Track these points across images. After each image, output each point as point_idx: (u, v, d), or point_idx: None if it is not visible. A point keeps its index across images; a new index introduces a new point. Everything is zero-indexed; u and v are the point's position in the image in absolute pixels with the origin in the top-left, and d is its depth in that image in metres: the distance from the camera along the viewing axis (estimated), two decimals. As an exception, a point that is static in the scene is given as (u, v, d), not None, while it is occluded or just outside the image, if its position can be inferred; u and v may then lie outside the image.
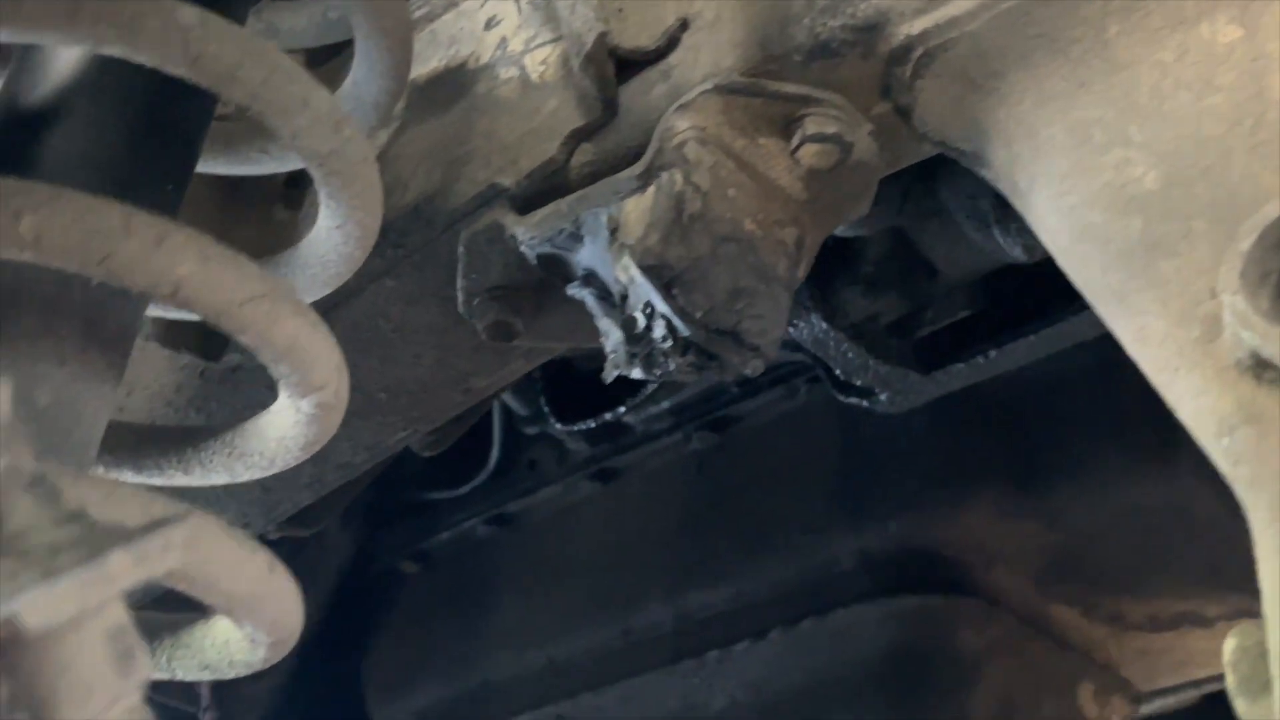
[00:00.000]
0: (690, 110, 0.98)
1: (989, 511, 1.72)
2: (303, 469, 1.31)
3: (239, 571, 0.73)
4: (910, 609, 1.70)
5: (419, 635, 2.23)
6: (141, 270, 0.74)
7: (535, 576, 2.09)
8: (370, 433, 1.27)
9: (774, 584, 1.80)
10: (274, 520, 1.39)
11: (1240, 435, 0.71)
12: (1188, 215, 0.78)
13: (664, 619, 1.89)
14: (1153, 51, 0.84)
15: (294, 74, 0.85)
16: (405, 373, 1.22)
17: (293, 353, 0.82)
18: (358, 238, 0.95)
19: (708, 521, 1.90)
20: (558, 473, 2.07)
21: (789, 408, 1.87)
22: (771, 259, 1.00)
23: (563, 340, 1.16)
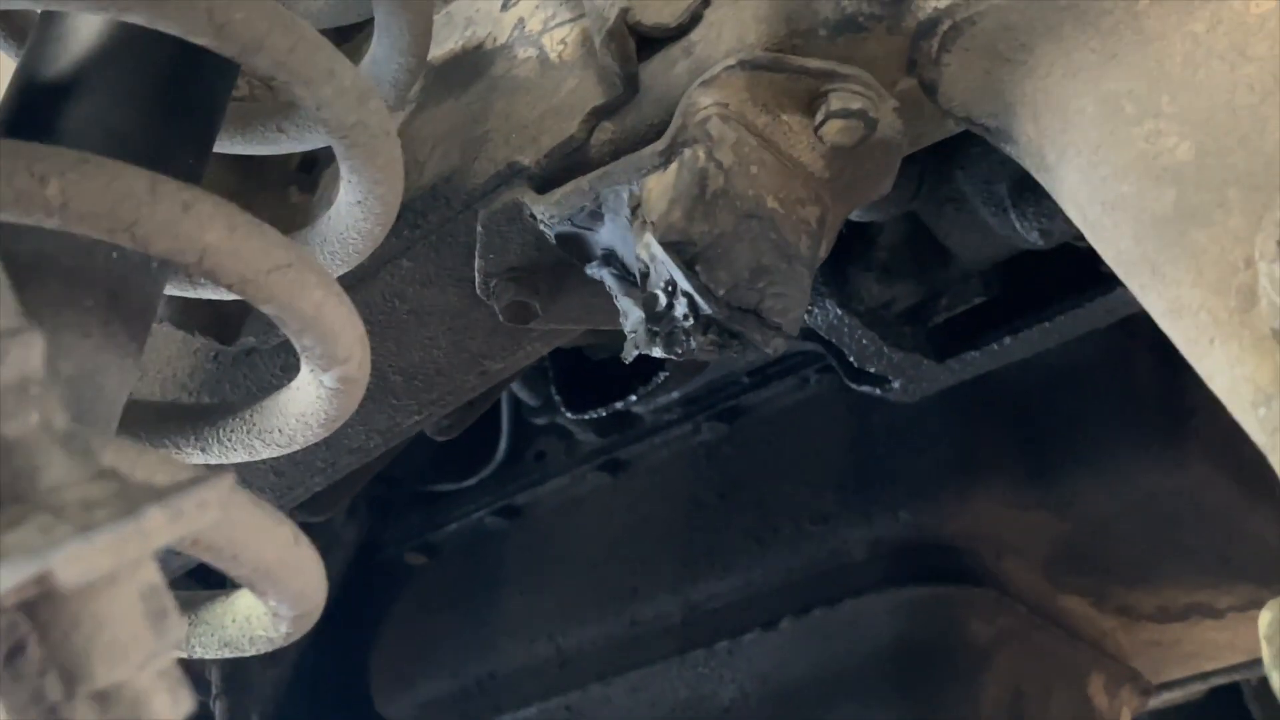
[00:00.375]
0: (713, 86, 0.96)
1: (999, 501, 1.70)
2: (316, 453, 1.31)
3: (265, 540, 0.72)
4: (920, 599, 1.69)
5: (426, 627, 2.21)
6: (168, 236, 0.73)
7: (543, 568, 2.07)
8: (384, 416, 1.26)
9: (784, 574, 1.79)
10: (287, 506, 1.38)
11: (1277, 405, 0.70)
12: (1222, 184, 0.77)
13: (672, 609, 1.88)
14: (1184, 23, 0.83)
15: (320, 44, 0.84)
16: (420, 355, 1.21)
17: (318, 324, 0.80)
18: (378, 214, 0.94)
19: (717, 512, 1.89)
20: (566, 464, 2.06)
21: (799, 398, 1.85)
22: (794, 237, 0.98)
23: (580, 322, 1.15)
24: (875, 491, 1.75)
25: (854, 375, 1.56)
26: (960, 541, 1.70)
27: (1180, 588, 1.78)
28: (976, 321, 1.49)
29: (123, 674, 0.50)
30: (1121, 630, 1.83)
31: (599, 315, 1.13)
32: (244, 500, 0.71)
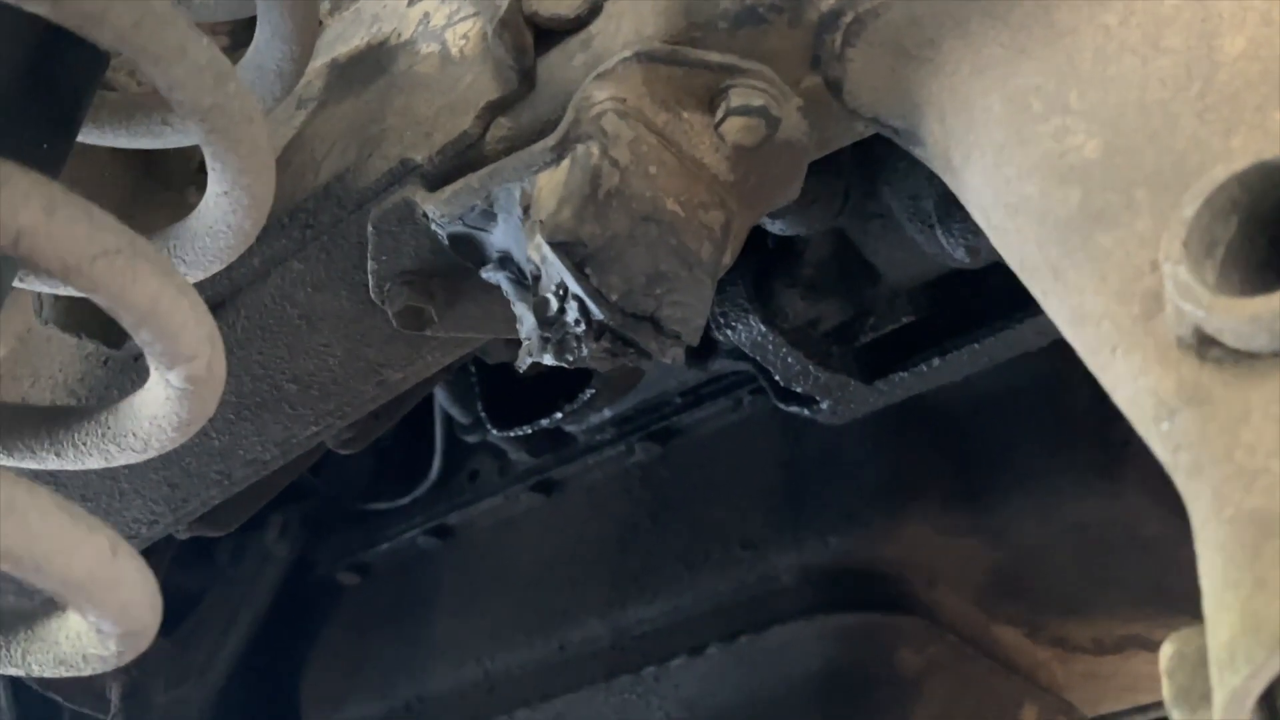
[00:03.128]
0: (609, 79, 0.89)
1: (931, 528, 1.63)
2: (210, 464, 1.23)
3: (74, 551, 0.64)
4: (849, 626, 1.61)
5: (357, 647, 2.14)
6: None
7: (475, 589, 2.00)
8: (280, 427, 1.18)
9: (712, 599, 1.72)
10: (184, 518, 1.30)
11: (1181, 419, 0.63)
12: (1130, 184, 0.70)
13: (601, 633, 1.80)
14: (1096, 15, 0.76)
15: (170, 19, 0.76)
16: (314, 363, 1.13)
17: (154, 317, 0.72)
18: (247, 206, 0.86)
19: (648, 534, 1.82)
20: (499, 484, 1.98)
21: (733, 419, 1.79)
22: (695, 243, 0.91)
23: (481, 330, 1.08)
24: (806, 516, 1.68)
25: (783, 395, 1.49)
26: (890, 569, 1.63)
27: (1116, 619, 1.71)
28: (906, 342, 1.42)
29: None
30: (1056, 662, 1.76)
31: (499, 323, 1.06)
32: (49, 507, 0.63)
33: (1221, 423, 0.61)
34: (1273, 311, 0.59)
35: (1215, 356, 0.62)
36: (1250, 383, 0.61)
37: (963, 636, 1.65)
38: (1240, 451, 0.60)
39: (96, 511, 1.26)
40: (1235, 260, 0.64)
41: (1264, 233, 0.65)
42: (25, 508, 0.61)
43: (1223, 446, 0.60)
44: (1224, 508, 0.59)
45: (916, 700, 1.61)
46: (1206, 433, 0.61)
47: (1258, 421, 0.60)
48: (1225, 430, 0.61)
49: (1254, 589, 0.57)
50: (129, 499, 1.25)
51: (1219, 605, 0.58)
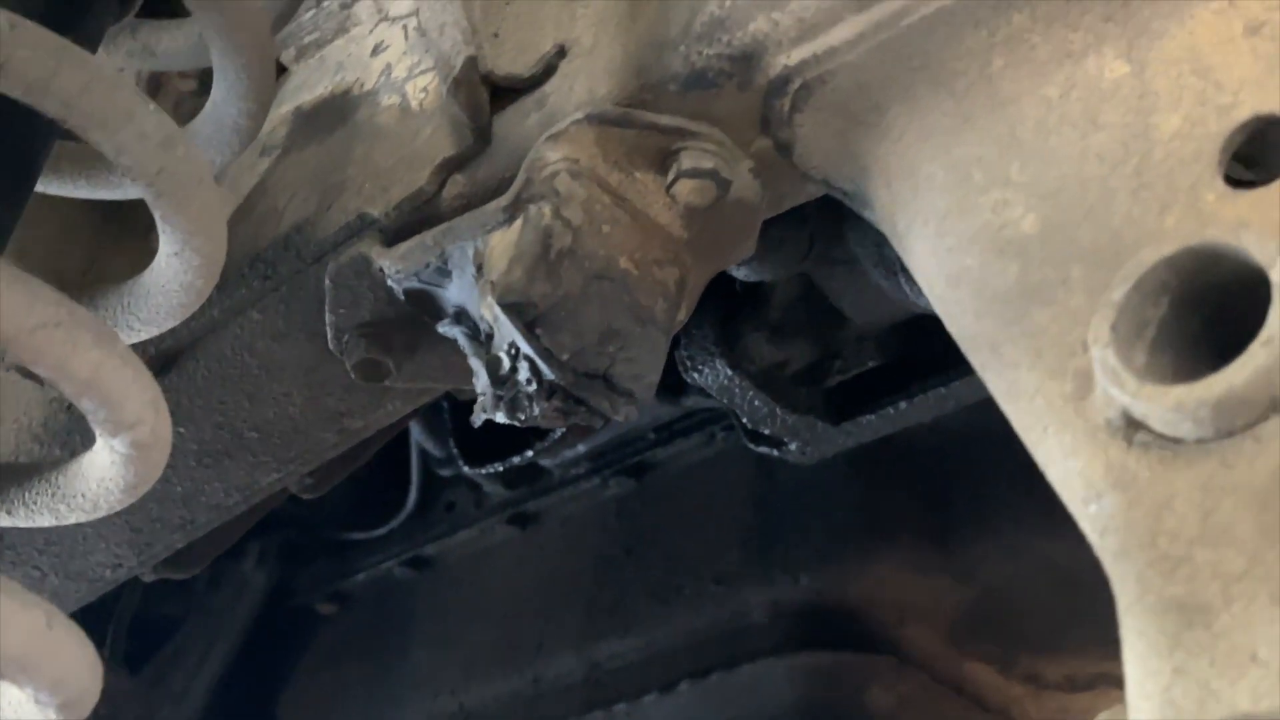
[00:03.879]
0: (562, 140, 0.90)
1: (902, 566, 1.64)
2: (173, 510, 1.23)
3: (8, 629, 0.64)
4: (820, 665, 1.62)
5: (334, 677, 2.14)
6: (-89, 292, 0.65)
7: (450, 620, 2.00)
8: (242, 473, 1.18)
9: (685, 635, 1.72)
10: (148, 561, 1.30)
11: (1108, 502, 0.63)
12: (1066, 260, 0.70)
13: (574, 668, 1.81)
14: (1038, 86, 0.76)
15: (117, 85, 0.77)
16: (275, 411, 1.13)
17: (96, 387, 0.73)
18: (198, 266, 0.87)
19: (622, 569, 1.82)
20: (475, 515, 1.99)
21: (706, 455, 1.79)
22: (648, 300, 0.91)
23: (439, 380, 1.08)
24: (778, 553, 1.68)
25: (752, 436, 1.49)
26: (861, 606, 1.63)
27: (1087, 657, 1.71)
28: (873, 385, 1.42)
29: None
30: (1029, 699, 1.76)
31: (459, 374, 1.06)
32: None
33: (1146, 508, 0.61)
34: (1196, 400, 0.59)
35: (1142, 441, 0.63)
36: (1175, 469, 0.61)
37: (934, 675, 1.66)
38: (1164, 538, 0.60)
39: (60, 556, 1.27)
40: (1167, 340, 0.65)
41: (1196, 312, 0.65)
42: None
43: (1147, 532, 0.61)
44: (1146, 594, 0.60)
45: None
46: (1131, 518, 0.62)
47: (1181, 508, 0.60)
48: (1150, 516, 0.61)
49: (1172, 678, 0.57)
50: (93, 543, 1.25)
51: (1139, 693, 0.58)
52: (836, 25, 0.81)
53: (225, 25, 0.90)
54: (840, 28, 0.81)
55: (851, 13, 0.81)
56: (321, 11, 1.24)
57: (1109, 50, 0.74)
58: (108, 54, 1.13)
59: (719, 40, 0.86)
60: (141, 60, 1.15)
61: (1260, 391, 0.58)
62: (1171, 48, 0.72)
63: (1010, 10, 0.77)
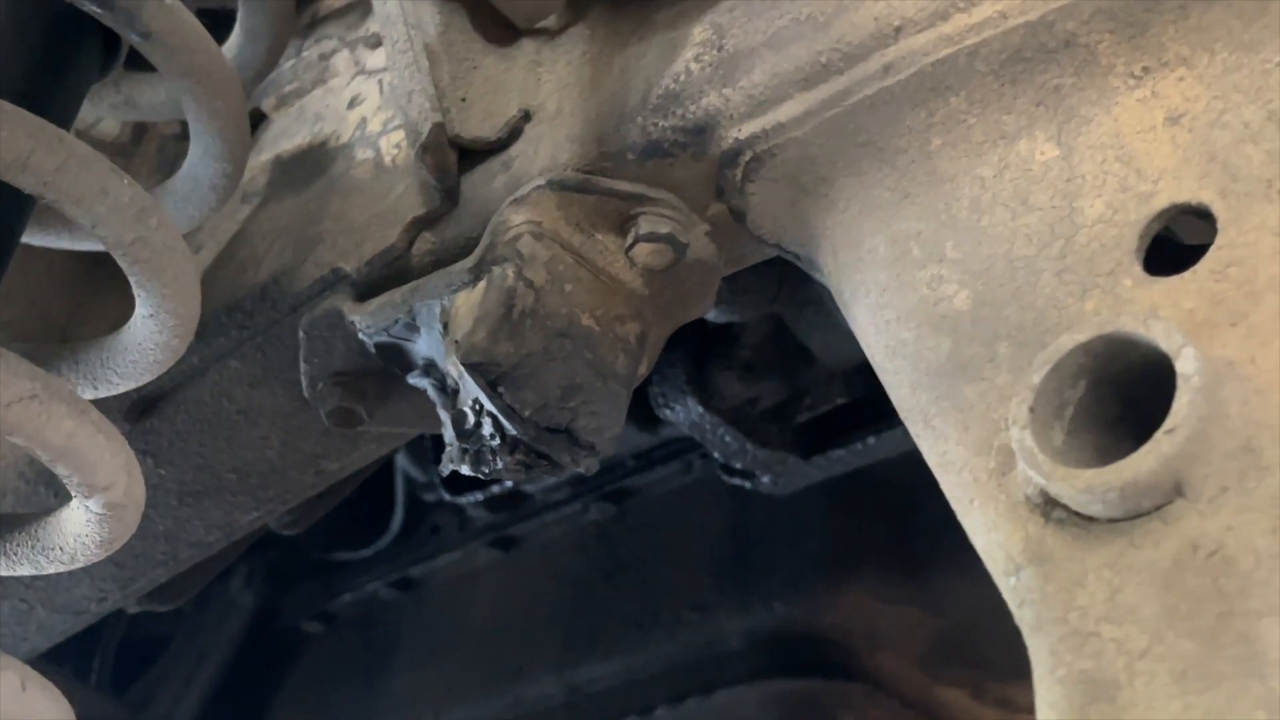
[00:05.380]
0: (525, 204, 0.93)
1: (873, 596, 1.67)
2: (155, 546, 1.27)
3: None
4: (792, 692, 1.65)
5: (320, 696, 2.17)
6: (-107, 369, 0.69)
7: (434, 641, 2.04)
8: (221, 512, 1.22)
9: (662, 660, 1.75)
10: (131, 595, 1.33)
11: (1026, 575, 0.66)
12: (994, 338, 0.74)
13: (554, 691, 1.84)
14: (974, 165, 0.80)
15: (91, 162, 0.80)
16: (253, 454, 1.17)
17: (70, 454, 0.76)
18: (172, 326, 0.90)
19: (602, 594, 1.86)
20: (458, 538, 2.02)
21: (684, 482, 1.82)
22: (610, 355, 0.95)
23: (411, 426, 1.11)
24: (752, 581, 1.72)
25: (726, 468, 1.53)
26: (834, 635, 1.66)
27: (1057, 683, 1.74)
28: (842, 421, 1.46)
29: None
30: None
31: (429, 420, 1.09)
32: (-46, 650, 0.67)
33: (1060, 583, 0.65)
34: (1104, 484, 0.63)
35: (1058, 518, 0.66)
36: (1088, 546, 0.65)
37: (905, 701, 1.69)
38: (1074, 614, 0.63)
39: (47, 590, 1.30)
40: (1086, 420, 0.68)
41: (1114, 393, 0.69)
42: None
43: (1060, 607, 0.64)
44: (1057, 667, 0.63)
45: (857, 765, 1.65)
46: (1046, 592, 0.65)
47: (1092, 585, 0.64)
48: (1063, 591, 0.64)
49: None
50: (78, 578, 1.29)
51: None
52: (785, 102, 0.85)
53: (199, 94, 0.94)
54: (788, 104, 0.85)
55: (799, 90, 0.84)
56: (301, 62, 1.27)
57: (1040, 133, 0.78)
58: (92, 106, 1.16)
59: (674, 113, 0.89)
60: (124, 112, 1.19)
61: (1164, 478, 0.62)
62: (1098, 133, 0.75)
63: (947, 93, 0.80)
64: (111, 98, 1.15)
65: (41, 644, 1.39)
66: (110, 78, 1.10)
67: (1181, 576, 0.61)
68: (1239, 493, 0.61)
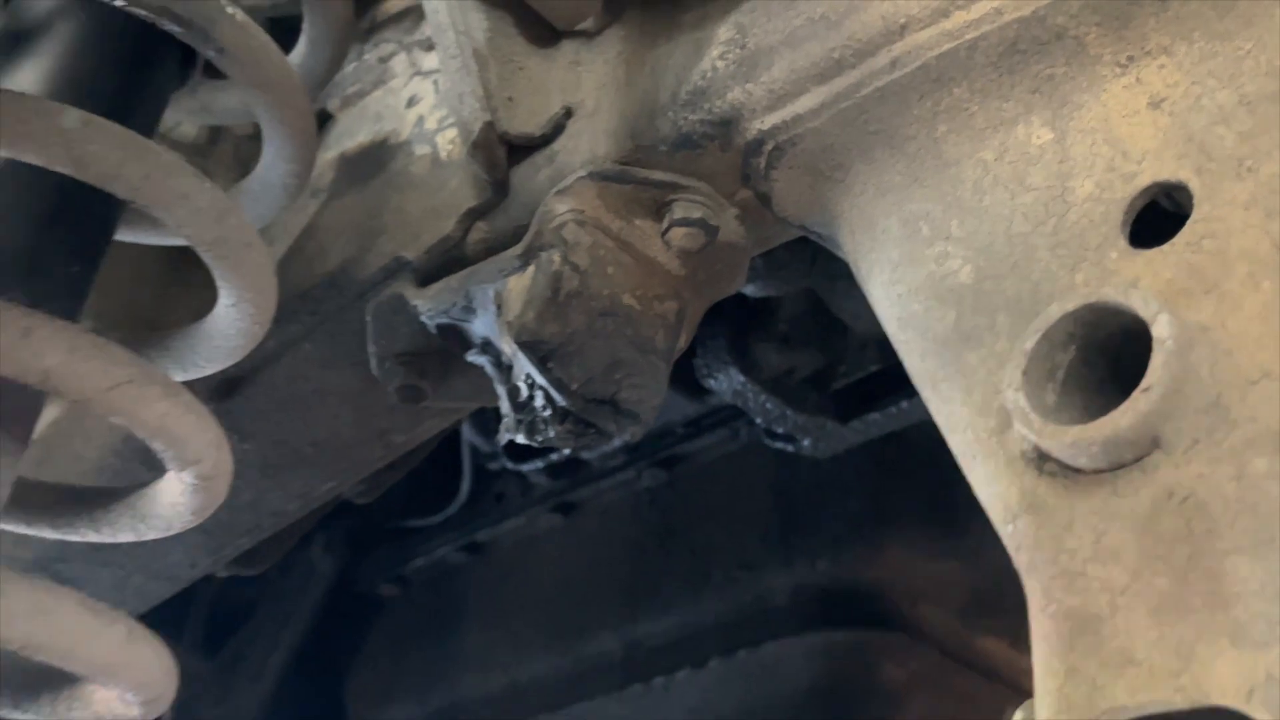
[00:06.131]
0: (568, 194, 0.98)
1: (912, 551, 1.72)
2: (240, 516, 1.34)
3: (94, 641, 0.74)
4: (837, 643, 1.70)
5: (396, 655, 2.25)
6: (10, 362, 0.76)
7: (501, 602, 2.11)
8: (299, 483, 1.29)
9: (714, 616, 1.81)
10: (220, 561, 1.41)
11: (1021, 523, 0.71)
12: (994, 309, 0.78)
13: (614, 647, 1.90)
14: (976, 150, 0.84)
15: (175, 169, 0.86)
16: (327, 430, 1.23)
17: (164, 432, 0.83)
18: (252, 314, 0.97)
19: (656, 554, 1.91)
20: (522, 504, 2.09)
21: (731, 448, 1.88)
22: (650, 331, 1.00)
23: (470, 400, 1.17)
24: (797, 540, 1.77)
25: (769, 432, 1.58)
26: (875, 588, 1.71)
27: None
28: (876, 386, 1.51)
29: None
30: (1038, 669, 1.83)
31: (487, 394, 1.15)
32: (71, 606, 0.73)
33: (1051, 529, 0.70)
34: (1089, 439, 0.67)
35: (1050, 470, 0.71)
36: (1076, 495, 0.69)
37: (945, 650, 1.74)
38: (1064, 556, 0.68)
39: (143, 558, 1.38)
40: (1077, 380, 0.73)
41: (1102, 356, 0.73)
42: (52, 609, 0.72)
43: (1051, 550, 0.69)
44: (1049, 604, 0.68)
45: (899, 712, 1.69)
46: (1039, 537, 0.70)
47: (1079, 530, 0.68)
48: (1053, 536, 0.69)
49: (1066, 677, 0.65)
50: (171, 546, 1.36)
51: (1042, 689, 0.67)
52: (802, 95, 0.90)
53: (269, 101, 1.00)
54: (805, 97, 0.90)
55: (814, 84, 0.89)
56: (362, 64, 1.33)
57: (1036, 119, 0.82)
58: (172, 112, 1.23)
59: (702, 108, 0.94)
60: (201, 117, 1.25)
61: (1142, 433, 0.66)
62: (1088, 118, 0.80)
63: (950, 84, 0.84)
64: (189, 104, 1.22)
65: (139, 608, 1.47)
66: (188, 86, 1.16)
67: (1158, 520, 0.65)
68: (1209, 444, 0.65)
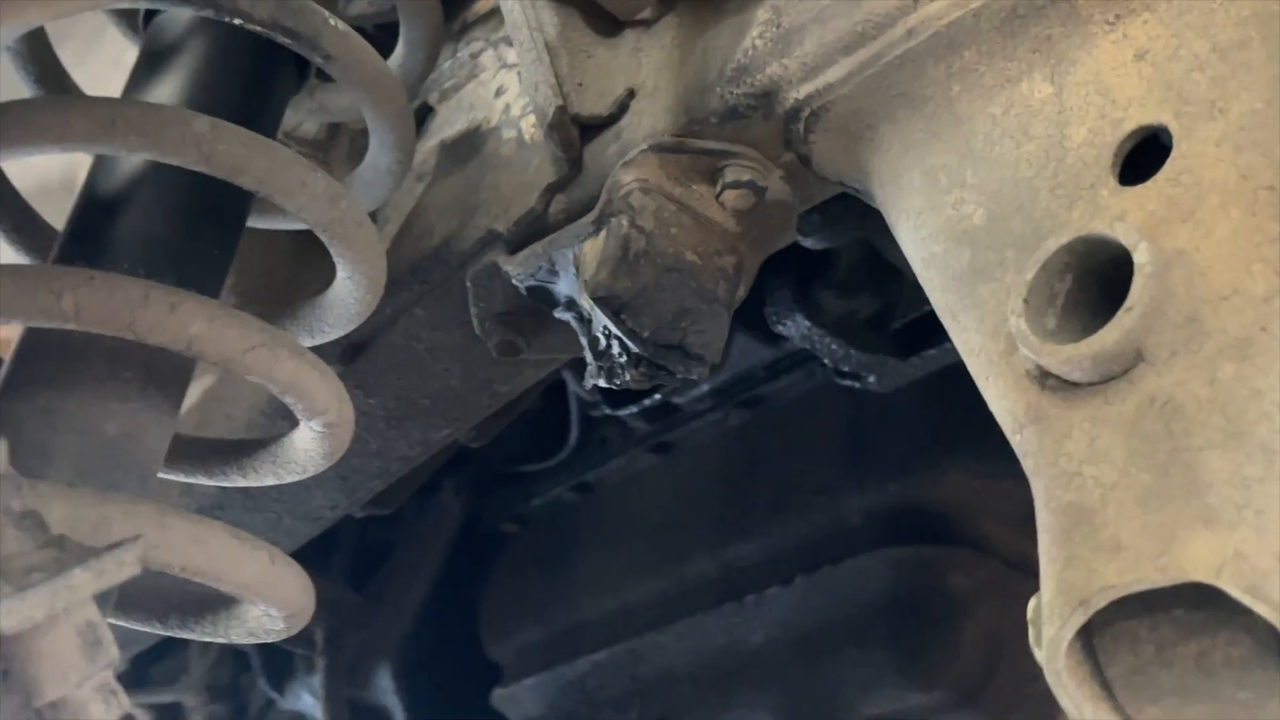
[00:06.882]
0: (632, 166, 1.03)
1: (971, 472, 1.74)
2: (371, 462, 1.41)
3: (242, 564, 0.81)
4: (907, 558, 1.73)
5: (521, 585, 2.32)
6: (160, 331, 0.83)
7: (609, 534, 2.16)
8: (419, 431, 1.36)
9: (797, 538, 1.85)
10: (356, 503, 1.49)
11: (1027, 432, 0.75)
12: (1003, 246, 0.81)
13: (710, 569, 1.95)
14: (986, 106, 0.87)
15: (293, 162, 0.93)
16: (439, 383, 1.30)
17: (294, 386, 0.89)
18: (366, 285, 1.03)
19: (745, 485, 1.96)
20: (623, 447, 2.14)
21: (806, 387, 1.91)
22: (711, 283, 1.04)
23: (562, 352, 1.23)
24: (869, 466, 1.80)
25: (837, 371, 1.61)
26: (940, 508, 1.74)
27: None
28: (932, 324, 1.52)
29: (64, 690, 0.59)
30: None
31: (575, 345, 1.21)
32: (223, 535, 0.80)
33: (1052, 436, 0.73)
34: (1080, 355, 0.71)
35: (1051, 385, 0.74)
36: (1073, 406, 0.73)
37: (1006, 561, 1.76)
38: (1063, 459, 0.72)
39: (290, 502, 1.46)
40: (1075, 305, 0.76)
41: (1097, 282, 0.76)
42: (207, 538, 0.79)
43: (1052, 454, 0.72)
44: (1050, 501, 0.72)
45: (967, 618, 1.72)
46: (1042, 444, 0.73)
47: (1076, 436, 0.72)
48: (1054, 442, 0.73)
49: (1065, 564, 0.69)
50: (313, 491, 1.44)
51: (1045, 575, 0.70)
52: (831, 66, 0.93)
53: (372, 99, 1.06)
54: (834, 68, 0.93)
55: (841, 56, 0.92)
56: (456, 61, 1.39)
57: (1037, 75, 0.84)
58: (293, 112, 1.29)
59: (745, 82, 0.98)
60: (319, 116, 1.31)
61: (1126, 347, 0.69)
62: (1082, 72, 0.82)
63: (960, 48, 0.87)
64: (308, 105, 1.28)
65: (289, 547, 1.56)
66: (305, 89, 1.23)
67: (1142, 423, 0.68)
68: (1185, 355, 0.68)
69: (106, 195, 0.99)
